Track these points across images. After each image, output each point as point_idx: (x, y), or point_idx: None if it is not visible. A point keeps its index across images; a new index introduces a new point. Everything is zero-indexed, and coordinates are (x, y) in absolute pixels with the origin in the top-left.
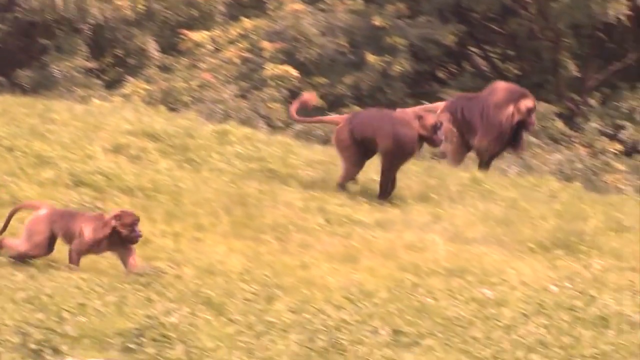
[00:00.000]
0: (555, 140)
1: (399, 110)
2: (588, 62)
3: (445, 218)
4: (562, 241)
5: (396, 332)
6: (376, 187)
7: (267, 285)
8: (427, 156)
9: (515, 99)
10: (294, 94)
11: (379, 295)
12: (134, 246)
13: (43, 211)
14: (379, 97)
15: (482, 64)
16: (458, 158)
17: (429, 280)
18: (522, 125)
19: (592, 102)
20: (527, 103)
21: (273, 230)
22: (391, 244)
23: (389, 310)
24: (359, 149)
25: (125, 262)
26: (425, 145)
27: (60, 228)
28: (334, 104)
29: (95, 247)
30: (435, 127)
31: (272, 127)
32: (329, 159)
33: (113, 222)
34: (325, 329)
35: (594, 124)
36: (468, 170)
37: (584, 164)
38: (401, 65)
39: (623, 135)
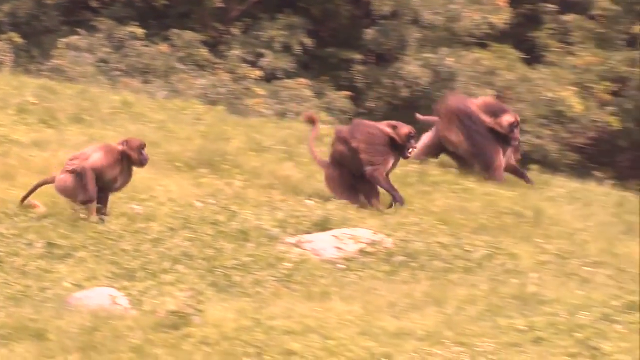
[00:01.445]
0: (201, 67)
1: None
2: None
3: (98, 138)
4: (207, 160)
5: (50, 244)
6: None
7: None
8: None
9: (495, 113)
10: None
11: (36, 211)
12: None
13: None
14: (36, 24)
15: None
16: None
17: None
18: (506, 140)
19: (235, 31)
20: (508, 119)
21: None
22: (46, 163)
23: (44, 225)
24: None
25: None
26: None
27: None
28: None
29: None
30: (409, 136)
31: None
32: None
33: (121, 147)
34: None
35: (236, 52)
36: (119, 94)
37: (227, 89)
38: None
39: (263, 62)
